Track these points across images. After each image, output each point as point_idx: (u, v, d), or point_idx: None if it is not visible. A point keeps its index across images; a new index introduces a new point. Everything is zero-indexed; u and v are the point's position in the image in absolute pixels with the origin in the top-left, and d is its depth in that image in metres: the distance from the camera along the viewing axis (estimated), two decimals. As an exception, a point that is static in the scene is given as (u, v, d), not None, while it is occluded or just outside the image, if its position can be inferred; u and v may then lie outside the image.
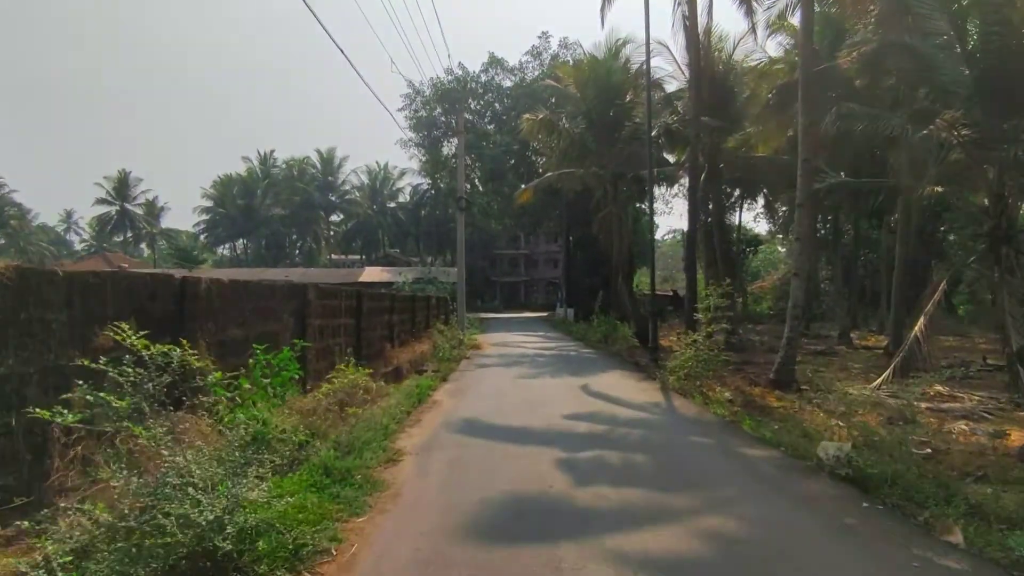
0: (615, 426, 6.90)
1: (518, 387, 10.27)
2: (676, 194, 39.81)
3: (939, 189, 11.89)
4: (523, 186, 24.47)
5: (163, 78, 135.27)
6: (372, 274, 43.13)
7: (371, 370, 10.60)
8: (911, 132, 11.14)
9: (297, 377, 5.36)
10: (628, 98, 20.50)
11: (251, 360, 4.95)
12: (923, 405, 10.17)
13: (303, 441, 5.00)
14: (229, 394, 4.89)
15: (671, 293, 45.96)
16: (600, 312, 27.02)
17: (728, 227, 30.60)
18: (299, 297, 7.96)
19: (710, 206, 22.65)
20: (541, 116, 20.61)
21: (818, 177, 13.98)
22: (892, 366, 10.95)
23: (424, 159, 48.70)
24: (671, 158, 25.01)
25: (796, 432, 7.32)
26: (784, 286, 41.86)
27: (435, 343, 16.24)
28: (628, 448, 5.89)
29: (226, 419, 4.78)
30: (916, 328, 10.79)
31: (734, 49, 21.79)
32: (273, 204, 56.25)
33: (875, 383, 10.99)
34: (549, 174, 22.61)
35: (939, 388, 12.05)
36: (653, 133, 20.85)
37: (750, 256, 33.27)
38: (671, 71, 22.98)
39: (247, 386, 4.85)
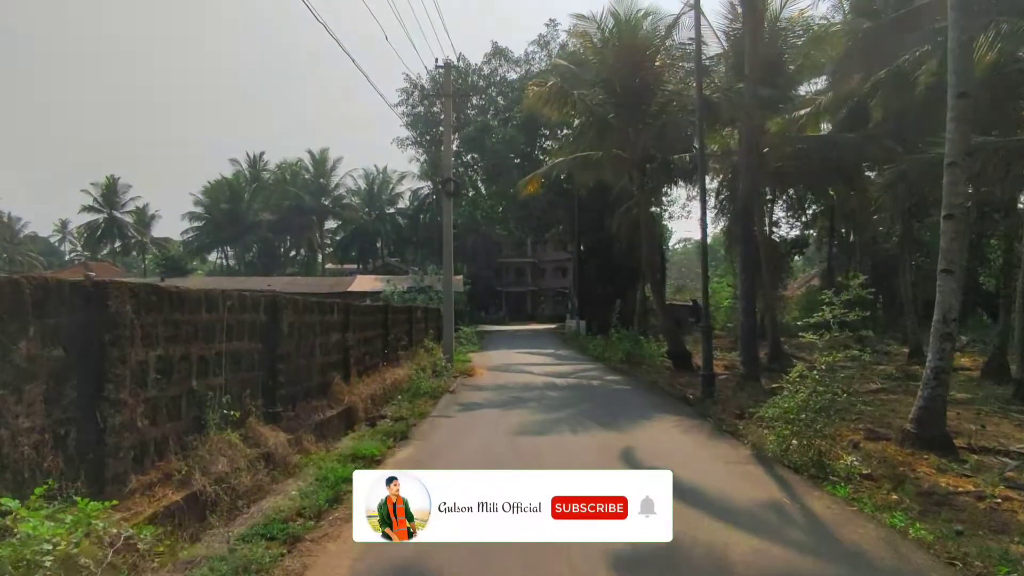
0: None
1: (518, 457, 6.23)
2: (694, 195, 35.81)
3: None
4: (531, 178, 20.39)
5: (158, 80, 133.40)
6: (364, 283, 39.41)
7: (284, 427, 6.68)
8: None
9: None
10: (657, 63, 16.58)
11: None
12: None
13: None
14: None
15: (690, 303, 42.06)
16: (619, 325, 23.05)
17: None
18: (85, 307, 4.04)
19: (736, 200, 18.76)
20: (551, 83, 16.69)
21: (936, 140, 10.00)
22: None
23: (423, 160, 45.25)
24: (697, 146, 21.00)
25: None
26: (812, 295, 37.31)
27: (413, 370, 12.30)
28: None
29: None
30: None
31: (781, 8, 17.85)
32: (261, 209, 52.37)
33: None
34: (560, 159, 18.70)
35: None
36: (690, 109, 17.01)
37: (796, 260, 29.15)
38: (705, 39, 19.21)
39: None
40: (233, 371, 6.18)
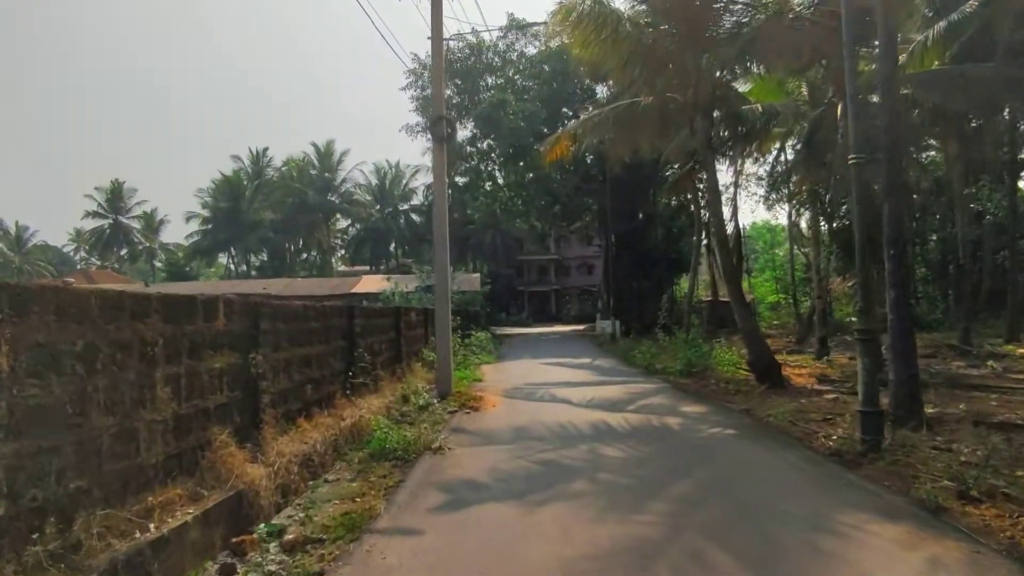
0: None
1: None
2: (730, 181, 30.88)
3: None
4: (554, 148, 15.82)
5: (161, 80, 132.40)
6: (370, 283, 35.76)
7: None
8: None
9: None
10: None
11: None
12: None
13: None
14: None
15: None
16: (669, 325, 18.58)
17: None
18: None
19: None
20: (582, -4, 12.19)
21: None
22: None
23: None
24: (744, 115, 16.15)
25: None
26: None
27: (394, 398, 8.01)
28: None
29: None
30: None
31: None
32: (262, 207, 48.65)
33: None
34: (595, 111, 14.25)
35: None
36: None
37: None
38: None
39: None
40: None
